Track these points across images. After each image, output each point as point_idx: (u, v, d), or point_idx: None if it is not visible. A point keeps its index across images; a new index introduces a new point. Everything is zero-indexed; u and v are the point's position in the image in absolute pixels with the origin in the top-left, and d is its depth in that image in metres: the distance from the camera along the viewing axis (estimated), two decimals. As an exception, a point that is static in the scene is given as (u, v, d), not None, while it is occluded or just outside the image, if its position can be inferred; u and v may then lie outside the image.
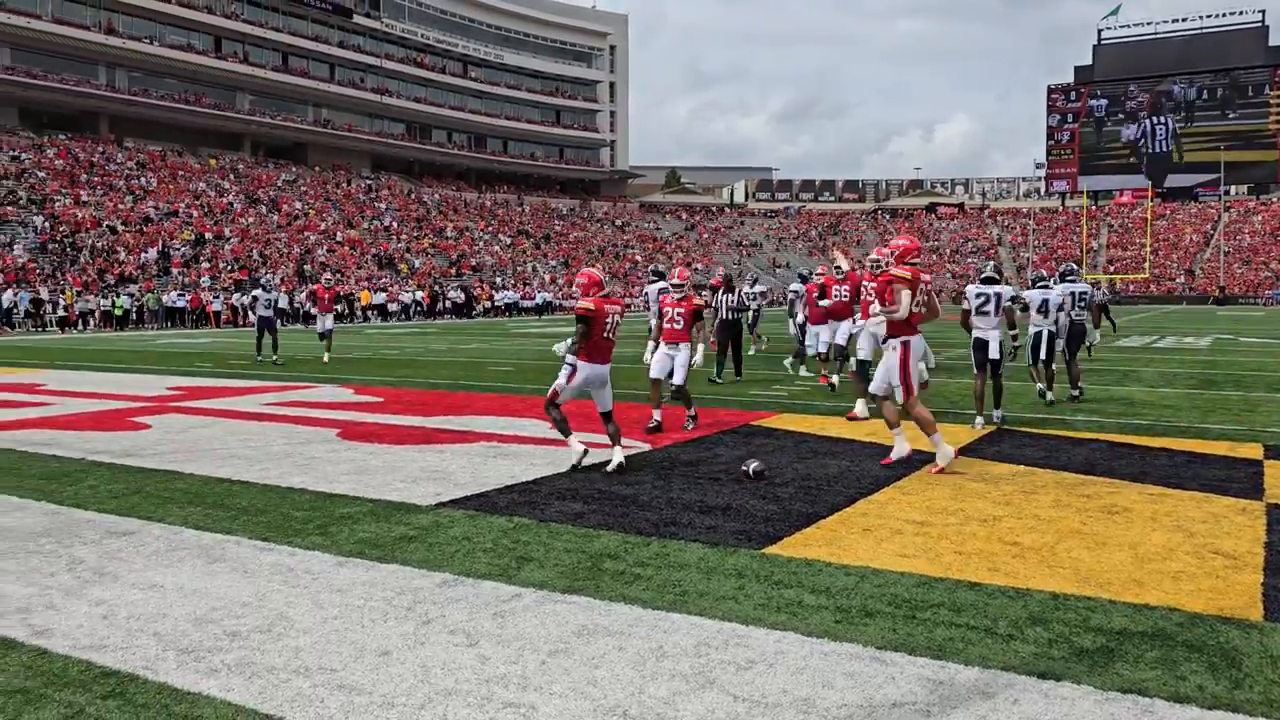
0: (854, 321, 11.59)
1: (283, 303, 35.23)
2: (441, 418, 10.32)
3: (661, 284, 12.33)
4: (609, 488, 6.66)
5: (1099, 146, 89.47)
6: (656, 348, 9.75)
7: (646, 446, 8.39)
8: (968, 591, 4.38)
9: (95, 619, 4.07)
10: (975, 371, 9.82)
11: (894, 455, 7.64)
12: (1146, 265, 72.06)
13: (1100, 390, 12.74)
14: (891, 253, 7.94)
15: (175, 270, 44.09)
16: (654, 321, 11.45)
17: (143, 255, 44.38)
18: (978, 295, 9.83)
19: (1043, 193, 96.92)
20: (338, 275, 50.21)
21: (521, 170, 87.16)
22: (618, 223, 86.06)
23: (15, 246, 41.39)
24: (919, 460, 7.59)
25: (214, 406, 11.59)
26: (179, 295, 39.89)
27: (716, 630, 3.89)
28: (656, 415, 9.42)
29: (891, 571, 4.68)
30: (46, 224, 44.24)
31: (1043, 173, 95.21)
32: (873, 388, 7.95)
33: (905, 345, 7.56)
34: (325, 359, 18.70)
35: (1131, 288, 72.41)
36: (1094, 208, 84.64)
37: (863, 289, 10.78)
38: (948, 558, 4.92)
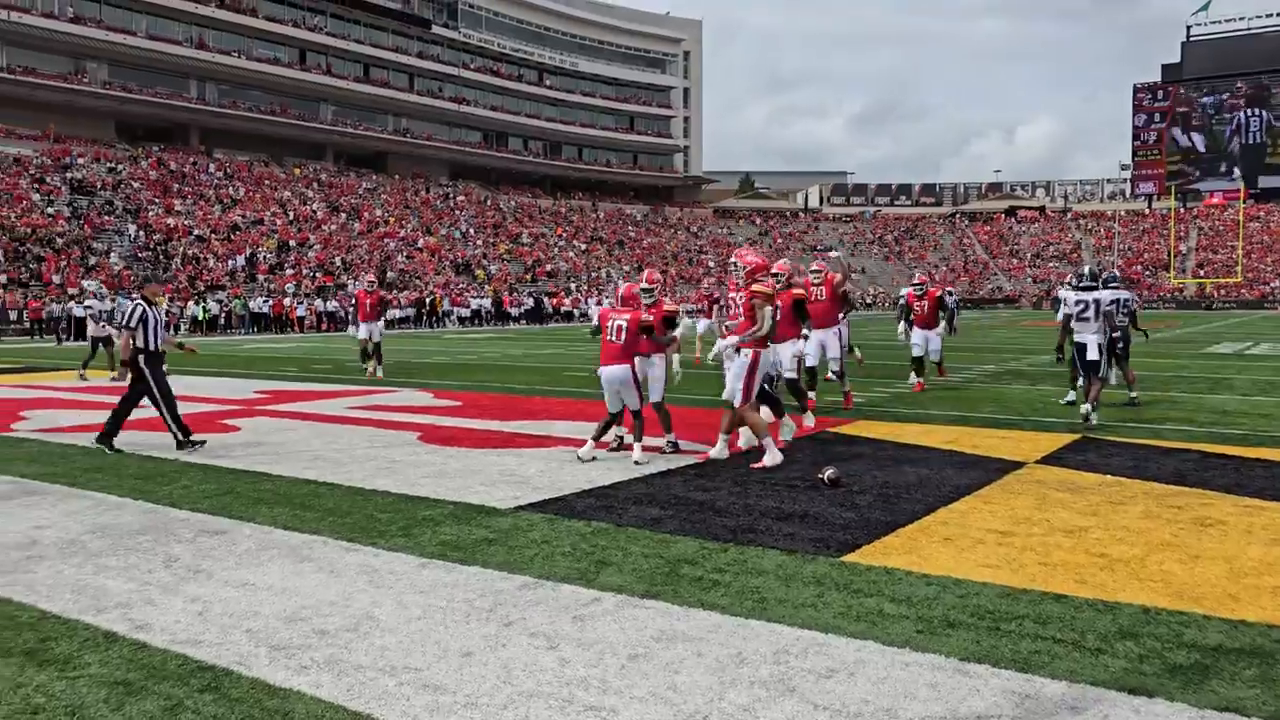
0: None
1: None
2: (519, 422, 10.44)
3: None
4: (686, 493, 6.67)
5: (1188, 147, 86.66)
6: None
7: (726, 452, 8.37)
8: (1053, 604, 4.28)
9: (191, 615, 4.22)
10: (1081, 374, 10.39)
11: (766, 461, 7.69)
12: (1238, 269, 69.54)
13: (1191, 399, 12.34)
14: (744, 267, 8.16)
15: (261, 277, 45.38)
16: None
17: (230, 262, 45.77)
18: (1078, 303, 10.26)
19: (1128, 194, 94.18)
20: (415, 280, 51.14)
21: (595, 177, 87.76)
22: (691, 228, 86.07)
23: (112, 254, 43.04)
24: (995, 466, 7.45)
25: (299, 410, 11.90)
26: (264, 301, 41.04)
27: (796, 638, 3.87)
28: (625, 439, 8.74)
29: (973, 582, 4.61)
30: (140, 233, 45.94)
31: (1128, 174, 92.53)
32: (725, 394, 8.17)
33: (755, 355, 7.87)
34: (376, 372, 16.39)
35: (1221, 292, 69.90)
36: (1183, 210, 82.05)
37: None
38: (1032, 569, 4.82)
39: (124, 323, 8.80)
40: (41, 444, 9.19)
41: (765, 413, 8.60)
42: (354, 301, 18.14)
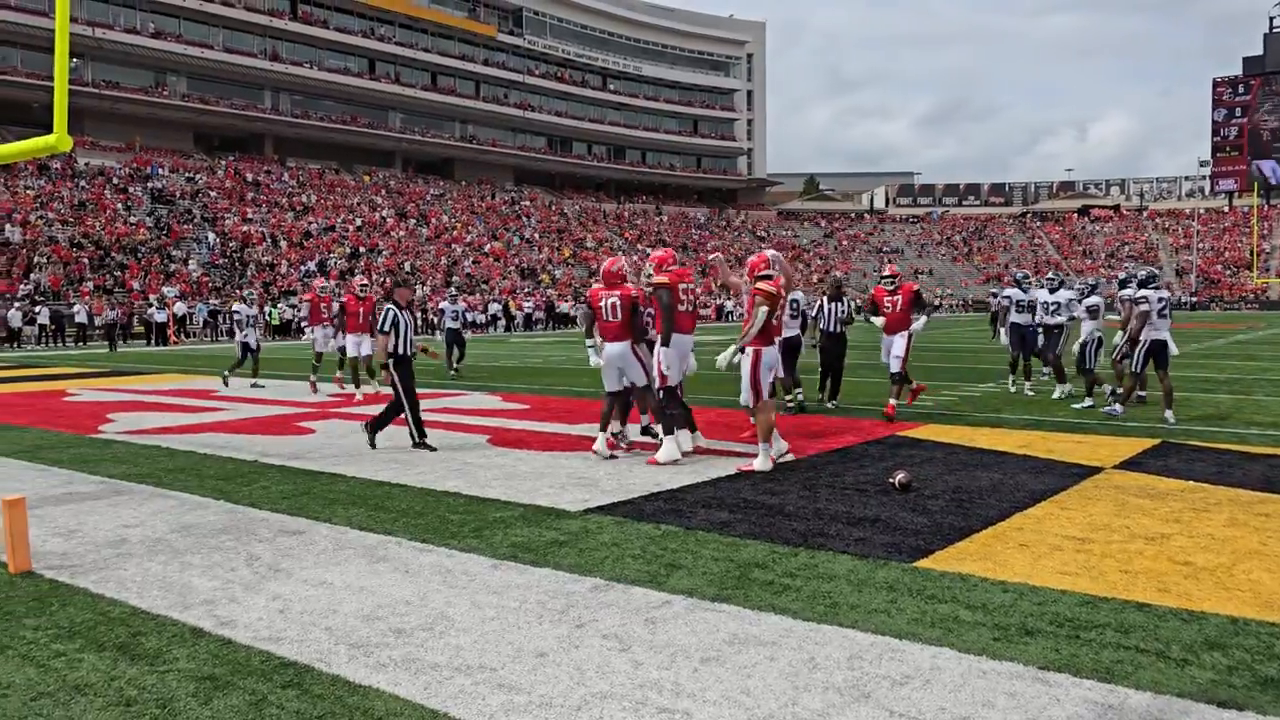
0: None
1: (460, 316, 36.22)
2: (586, 425, 10.50)
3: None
4: (754, 497, 6.65)
5: (1271, 141, 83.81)
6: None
7: (790, 456, 8.33)
8: (1136, 612, 4.18)
9: (273, 612, 4.33)
10: (1158, 373, 10.44)
11: (774, 453, 7.84)
12: (1327, 268, 67.00)
13: (1277, 402, 11.94)
14: (744, 269, 8.30)
15: (333, 282, 46.34)
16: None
17: (303, 268, 46.80)
18: (1160, 299, 10.39)
19: (1207, 192, 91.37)
20: (482, 285, 51.71)
21: (659, 180, 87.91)
22: (756, 231, 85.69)
23: (190, 261, 44.31)
24: (1071, 471, 7.29)
25: (371, 412, 12.10)
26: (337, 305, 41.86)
27: (870, 643, 3.84)
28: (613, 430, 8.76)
29: (1051, 589, 4.52)
30: (217, 240, 47.22)
31: (1207, 171, 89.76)
32: (741, 399, 8.14)
33: (757, 353, 7.88)
34: (356, 393, 14.24)
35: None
36: (1266, 206, 79.33)
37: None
38: (1112, 576, 4.71)
39: (379, 327, 8.91)
40: (128, 445, 9.50)
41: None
42: (340, 308, 14.72)
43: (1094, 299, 11.91)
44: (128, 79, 55.76)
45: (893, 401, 10.76)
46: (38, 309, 35.16)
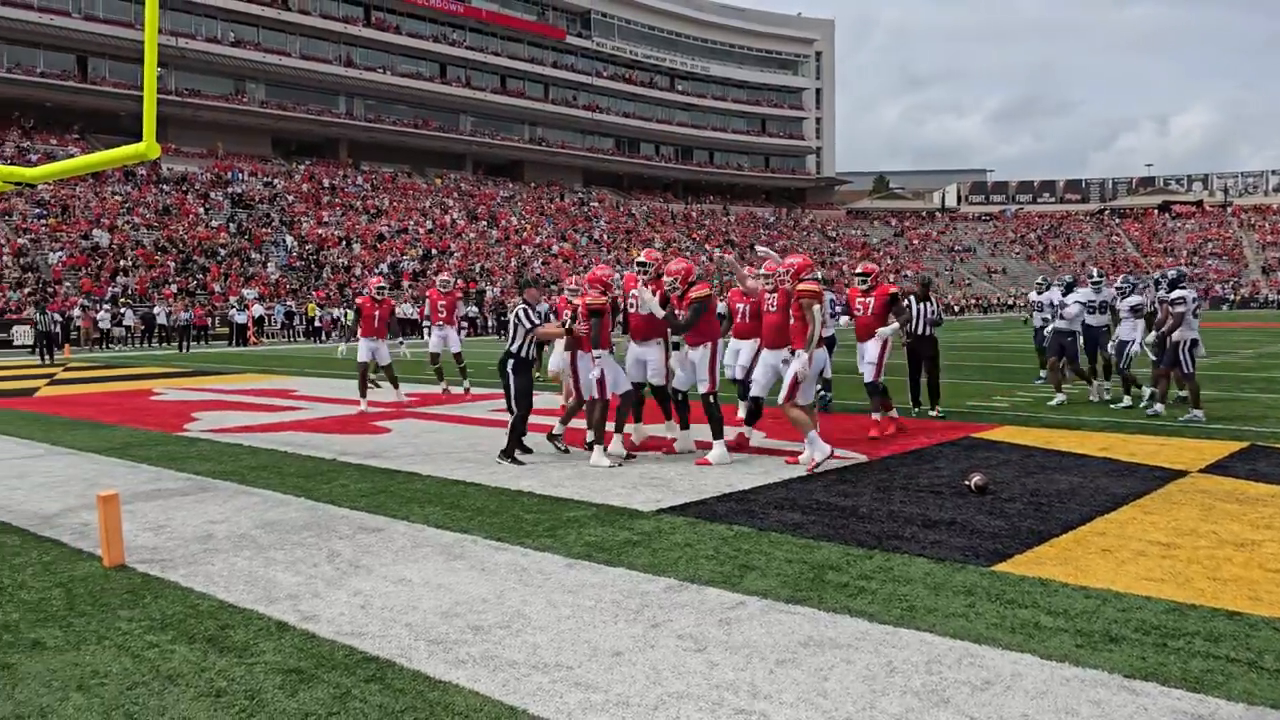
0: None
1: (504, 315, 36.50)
2: (654, 425, 10.50)
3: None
4: (827, 499, 6.61)
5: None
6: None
7: (863, 457, 8.26)
8: (1226, 621, 4.06)
9: (354, 608, 4.43)
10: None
11: (816, 456, 7.75)
12: None
13: (1375, 404, 11.47)
14: (787, 271, 8.11)
15: (405, 284, 47.11)
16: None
17: (377, 270, 47.68)
18: (1192, 299, 10.33)
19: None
20: (551, 287, 52.15)
21: (727, 180, 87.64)
22: (825, 230, 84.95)
23: (269, 264, 45.47)
24: (1154, 475, 7.10)
25: (445, 412, 12.30)
26: (410, 307, 42.60)
27: (948, 648, 3.79)
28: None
29: (1136, 595, 4.41)
30: (294, 243, 48.36)
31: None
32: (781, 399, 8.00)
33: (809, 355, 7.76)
34: (362, 404, 12.83)
35: None
36: (1362, 201, 76.11)
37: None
38: (1200, 583, 4.58)
39: (525, 326, 8.40)
40: (212, 443, 9.79)
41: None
42: (356, 310, 13.92)
43: (1136, 298, 11.61)
44: (209, 87, 57.39)
45: (876, 416, 9.60)
46: (124, 311, 36.40)
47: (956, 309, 64.17)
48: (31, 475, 8.14)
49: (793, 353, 7.96)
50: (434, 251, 52.87)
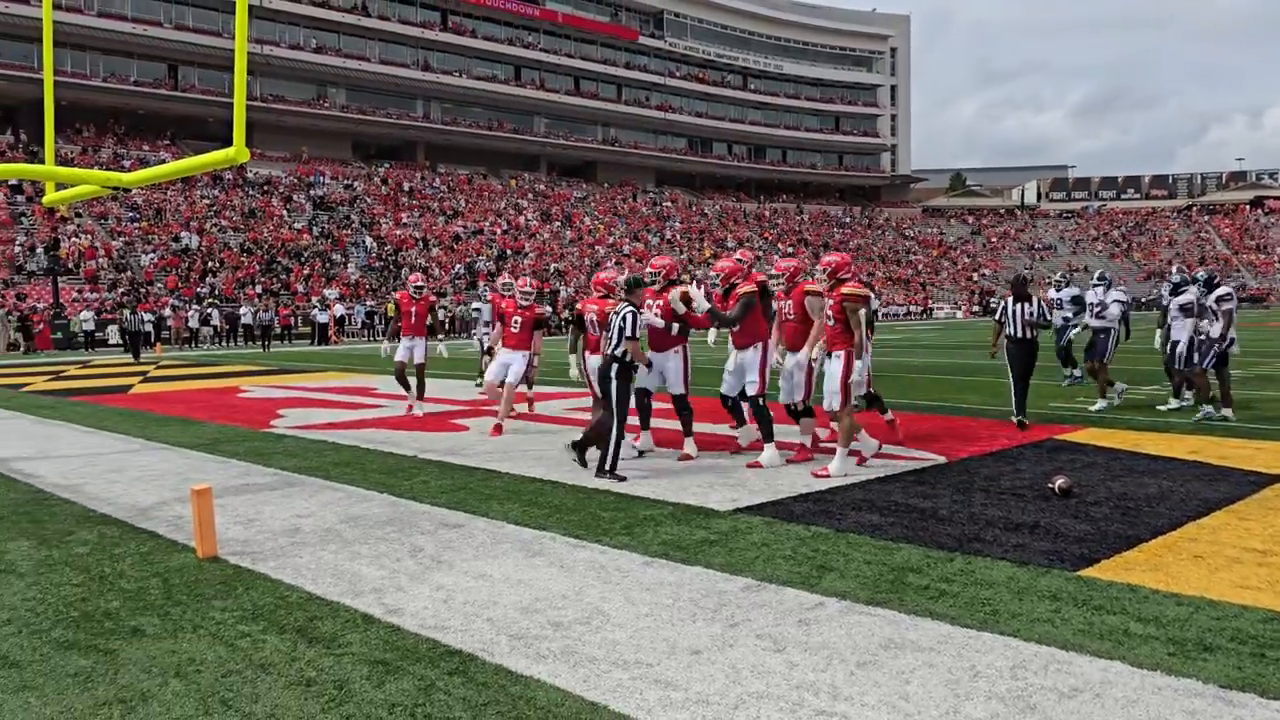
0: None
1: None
2: (729, 425, 10.49)
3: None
4: (906, 500, 6.53)
5: None
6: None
7: (941, 459, 8.13)
8: (1329, 632, 3.91)
9: (437, 602, 4.51)
10: (1215, 370, 10.53)
11: (864, 452, 7.93)
12: None
13: None
14: (823, 270, 7.81)
15: (481, 284, 47.77)
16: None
17: (453, 270, 48.44)
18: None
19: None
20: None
21: (800, 179, 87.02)
22: (900, 228, 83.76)
23: (349, 265, 46.49)
24: (1248, 479, 6.85)
25: (521, 411, 12.43)
26: (487, 307, 43.20)
27: (1034, 654, 3.72)
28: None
29: (1231, 604, 4.27)
30: (373, 244, 49.37)
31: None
32: (825, 404, 7.79)
33: (849, 357, 7.56)
34: (417, 409, 12.13)
35: None
36: None
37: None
38: (1301, 593, 4.42)
39: (628, 333, 7.64)
40: (297, 440, 10.06)
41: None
42: (395, 307, 12.99)
43: (1188, 296, 11.24)
44: (292, 92, 58.94)
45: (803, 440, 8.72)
46: (212, 311, 37.57)
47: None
48: (128, 469, 8.46)
49: (830, 356, 7.76)
50: (509, 252, 53.49)
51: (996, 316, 10.27)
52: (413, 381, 12.16)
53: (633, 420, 8.52)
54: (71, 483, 7.82)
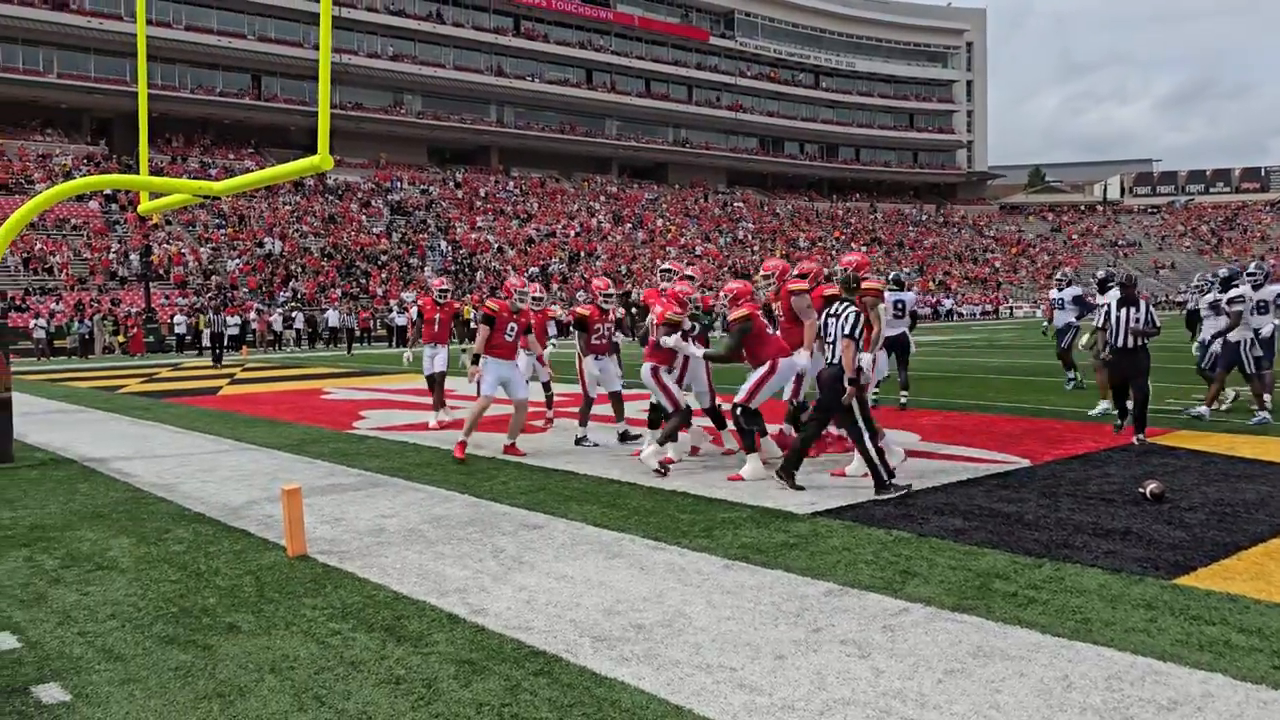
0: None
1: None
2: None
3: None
4: (989, 504, 6.40)
5: None
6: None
7: (1026, 462, 7.96)
8: None
9: (520, 603, 4.56)
10: (1220, 375, 10.56)
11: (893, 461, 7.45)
12: None
13: None
14: (844, 269, 7.57)
15: (555, 286, 48.16)
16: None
17: (527, 273, 48.93)
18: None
19: None
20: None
21: (874, 177, 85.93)
22: (976, 226, 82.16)
23: (426, 268, 47.28)
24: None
25: (599, 412, 12.48)
26: (562, 310, 43.53)
27: (1129, 664, 3.62)
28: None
29: (1340, 616, 4.10)
30: (449, 248, 50.13)
31: None
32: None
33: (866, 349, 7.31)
34: (434, 422, 11.61)
35: None
36: None
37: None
38: None
39: (847, 332, 6.86)
40: (379, 441, 10.26)
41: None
42: (418, 313, 12.17)
43: (1215, 294, 10.88)
44: (370, 100, 60.16)
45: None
46: (295, 314, 38.54)
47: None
48: (219, 469, 8.73)
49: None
50: (581, 254, 53.83)
51: (1099, 323, 9.16)
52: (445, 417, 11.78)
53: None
54: (166, 482, 8.10)
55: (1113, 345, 8.77)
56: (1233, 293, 10.34)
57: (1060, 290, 13.83)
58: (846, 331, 6.84)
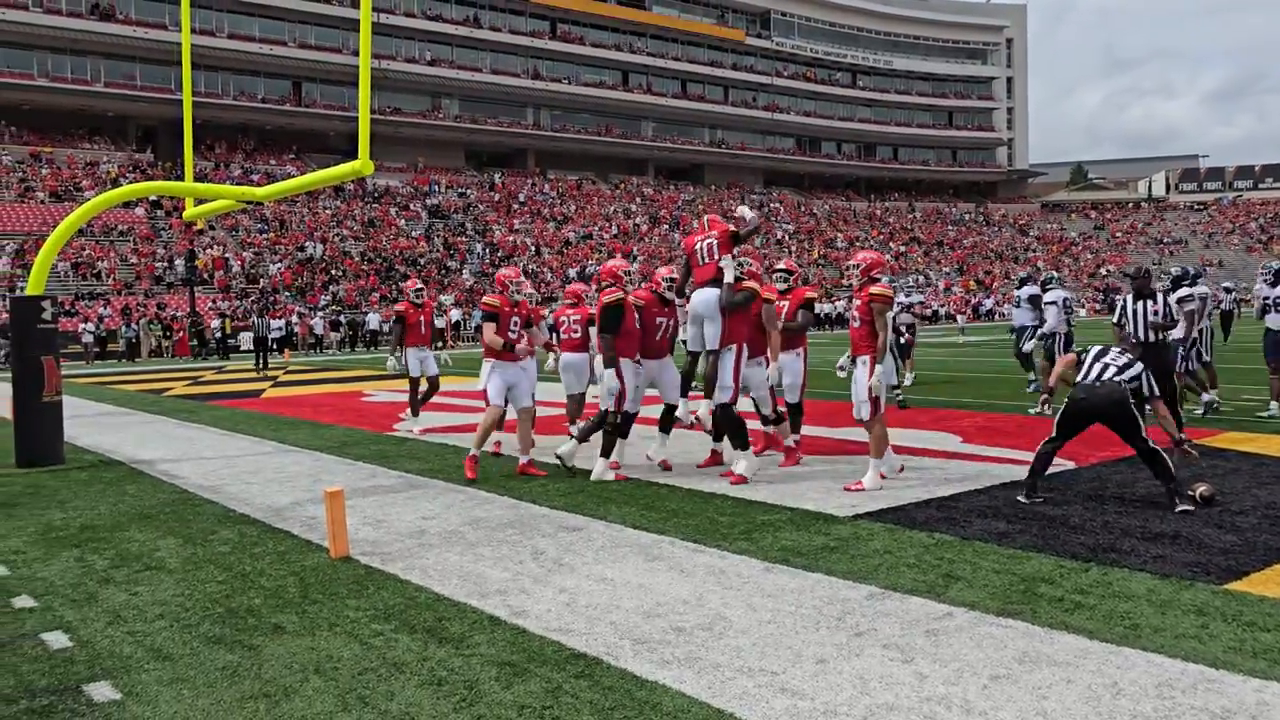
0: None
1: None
2: (846, 429, 10.35)
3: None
4: (1034, 507, 6.32)
5: None
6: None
7: (1070, 464, 7.84)
8: None
9: (560, 605, 4.57)
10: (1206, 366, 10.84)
11: (885, 469, 7.31)
12: None
13: None
14: (856, 265, 7.38)
15: (593, 288, 48.30)
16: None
17: (564, 275, 49.06)
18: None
19: None
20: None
21: (912, 176, 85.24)
22: (1017, 224, 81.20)
23: (464, 271, 47.60)
24: None
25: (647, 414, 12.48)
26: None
27: (1180, 671, 3.55)
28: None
29: (1399, 622, 4.00)
30: (486, 250, 50.42)
31: None
32: (855, 413, 7.31)
33: (872, 364, 7.10)
34: (413, 426, 11.58)
35: None
36: None
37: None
38: None
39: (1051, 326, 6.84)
40: (419, 443, 10.34)
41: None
42: (397, 320, 12.02)
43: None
44: (408, 104, 60.69)
45: (792, 441, 8.47)
46: (336, 317, 38.96)
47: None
48: (264, 470, 8.84)
49: (853, 360, 7.35)
50: (618, 255, 53.93)
51: (1115, 319, 8.92)
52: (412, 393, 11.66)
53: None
54: (212, 484, 8.22)
55: (1134, 341, 8.47)
56: (1182, 293, 10.08)
57: (1019, 289, 13.67)
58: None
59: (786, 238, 65.78)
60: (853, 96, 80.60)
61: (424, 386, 11.84)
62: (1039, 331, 12.29)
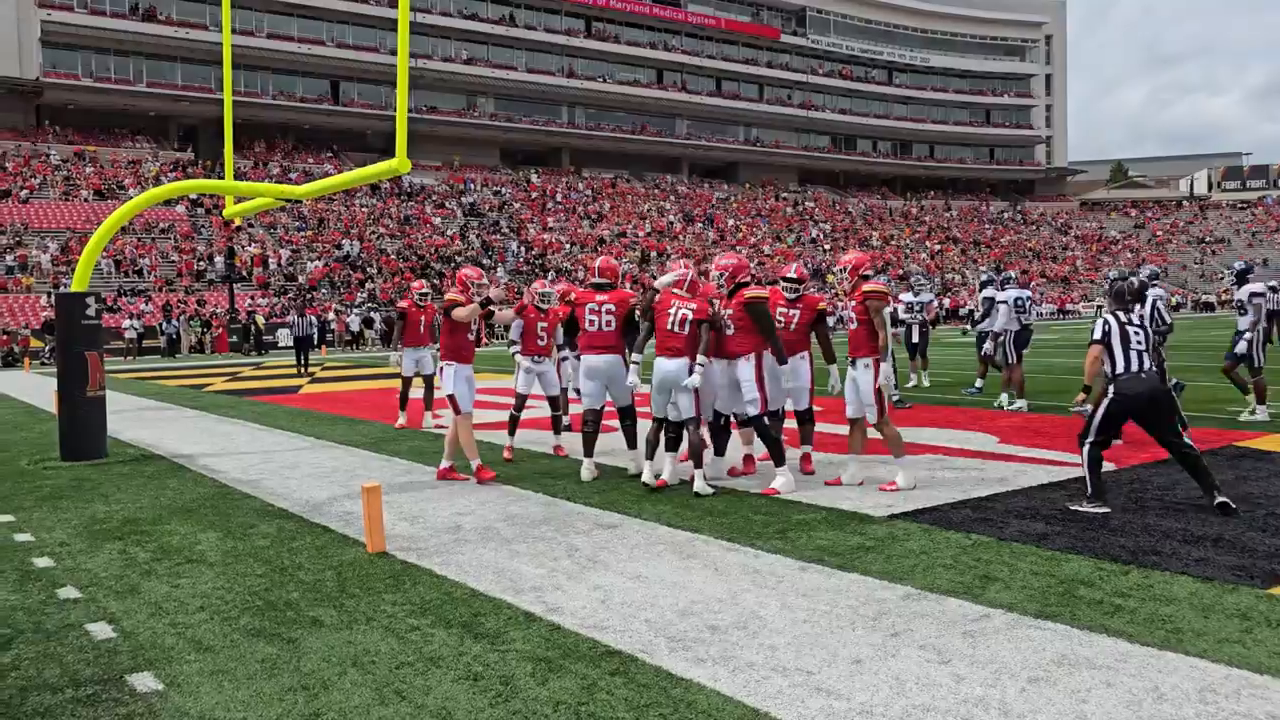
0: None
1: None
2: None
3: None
4: (1078, 511, 6.24)
5: None
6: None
7: (1110, 465, 7.74)
8: None
9: (595, 602, 4.58)
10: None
11: (846, 479, 7.27)
12: None
13: None
14: (843, 269, 7.26)
15: (628, 285, 48.38)
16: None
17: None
18: None
19: None
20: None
21: (949, 174, 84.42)
22: (1055, 223, 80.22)
23: (499, 269, 47.82)
24: None
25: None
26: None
27: (1223, 676, 3.49)
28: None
29: None
30: (521, 248, 50.63)
31: None
32: (848, 413, 7.21)
33: (877, 365, 6.98)
34: (429, 420, 12.29)
35: None
36: None
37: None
38: None
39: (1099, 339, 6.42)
40: (453, 440, 10.39)
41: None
42: (399, 317, 12.25)
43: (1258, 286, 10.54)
44: (444, 103, 61.07)
45: (808, 449, 8.21)
46: (373, 314, 39.30)
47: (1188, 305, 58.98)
48: (301, 466, 8.94)
49: (852, 363, 7.13)
50: (652, 254, 53.89)
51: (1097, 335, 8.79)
52: (413, 394, 11.93)
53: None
54: (251, 478, 8.32)
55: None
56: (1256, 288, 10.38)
57: (981, 290, 13.44)
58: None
59: (821, 236, 65.44)
60: (889, 94, 79.98)
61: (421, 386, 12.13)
62: (990, 330, 12.37)
